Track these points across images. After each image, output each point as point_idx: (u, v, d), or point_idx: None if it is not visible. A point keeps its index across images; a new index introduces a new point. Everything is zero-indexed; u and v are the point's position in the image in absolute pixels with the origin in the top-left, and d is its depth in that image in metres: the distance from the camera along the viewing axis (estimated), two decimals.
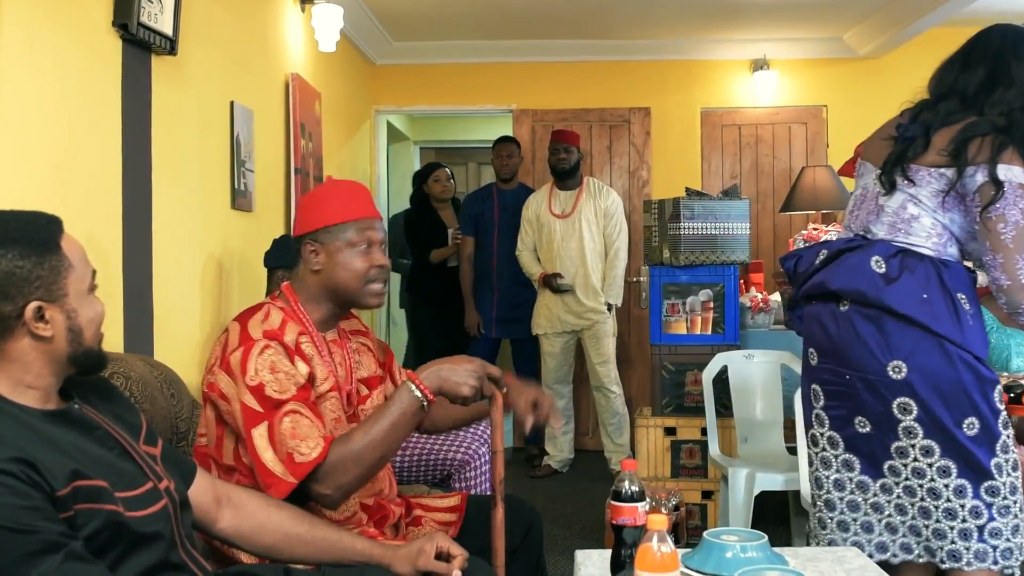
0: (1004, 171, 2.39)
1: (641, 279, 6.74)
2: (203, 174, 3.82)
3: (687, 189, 4.99)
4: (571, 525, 4.96)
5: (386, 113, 7.49)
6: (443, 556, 2.02)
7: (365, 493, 2.43)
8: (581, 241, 5.82)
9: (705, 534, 2.19)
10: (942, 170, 2.48)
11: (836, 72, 7.03)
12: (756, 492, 3.81)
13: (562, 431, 6.11)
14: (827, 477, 2.64)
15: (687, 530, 4.47)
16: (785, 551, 2.26)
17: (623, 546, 2.03)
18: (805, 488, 3.37)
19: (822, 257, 2.62)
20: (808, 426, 2.72)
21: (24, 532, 1.48)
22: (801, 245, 4.72)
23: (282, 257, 3.87)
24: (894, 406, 2.48)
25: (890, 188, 2.55)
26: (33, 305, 1.63)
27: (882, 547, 2.59)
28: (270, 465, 2.17)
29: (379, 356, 2.63)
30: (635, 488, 2.01)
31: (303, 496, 2.21)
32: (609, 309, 5.86)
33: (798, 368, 4.07)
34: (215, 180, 3.97)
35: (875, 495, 2.57)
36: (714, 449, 4.29)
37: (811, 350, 2.66)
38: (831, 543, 2.61)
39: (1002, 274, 2.40)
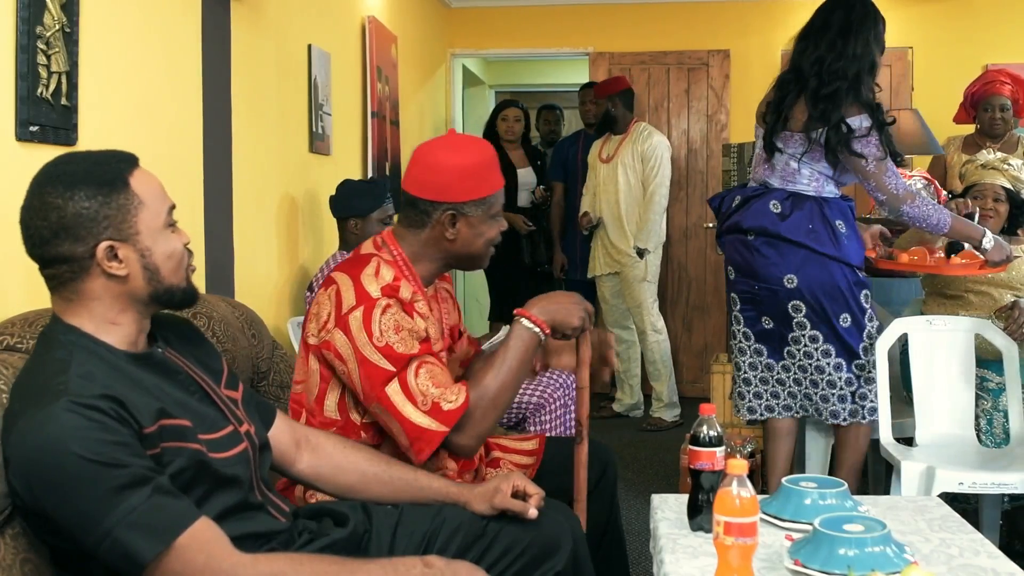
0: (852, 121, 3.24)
1: None
2: (282, 117, 3.85)
3: None
4: (644, 470, 4.97)
5: (461, 56, 7.44)
6: (520, 495, 2.04)
7: None
8: (616, 184, 5.83)
9: (784, 480, 2.17)
10: (802, 134, 3.29)
11: (922, 12, 6.71)
12: (833, 441, 3.76)
13: (630, 376, 6.13)
14: (744, 362, 3.51)
15: (762, 477, 4.44)
16: (864, 499, 2.24)
17: (700, 491, 2.03)
18: (885, 436, 3.32)
19: (737, 202, 3.45)
20: (729, 324, 3.59)
21: (113, 466, 1.50)
22: None
23: (355, 206, 3.80)
24: (789, 307, 3.33)
25: (771, 153, 3.36)
26: (104, 245, 1.62)
27: (788, 408, 3.49)
28: (414, 418, 2.12)
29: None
30: (714, 433, 2.00)
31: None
32: (641, 255, 5.77)
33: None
34: (293, 123, 3.99)
35: (778, 373, 3.46)
36: None
37: (730, 268, 3.50)
38: (749, 409, 3.52)
39: (877, 192, 3.29)
